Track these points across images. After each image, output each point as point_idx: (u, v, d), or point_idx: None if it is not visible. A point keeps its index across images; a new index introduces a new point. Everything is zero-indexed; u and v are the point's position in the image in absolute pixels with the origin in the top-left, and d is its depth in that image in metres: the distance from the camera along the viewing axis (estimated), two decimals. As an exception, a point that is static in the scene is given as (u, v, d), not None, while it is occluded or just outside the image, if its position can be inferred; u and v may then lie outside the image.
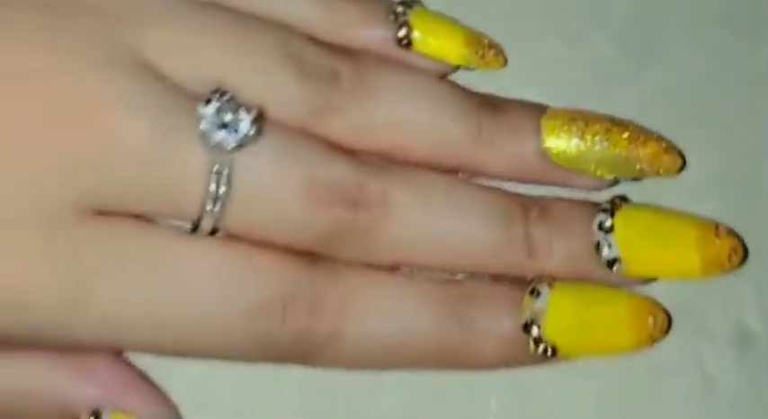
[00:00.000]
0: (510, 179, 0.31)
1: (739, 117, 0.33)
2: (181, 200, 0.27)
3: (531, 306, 0.29)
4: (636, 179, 0.31)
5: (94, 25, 0.27)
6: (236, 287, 0.28)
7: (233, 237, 0.28)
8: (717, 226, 0.30)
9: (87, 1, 0.28)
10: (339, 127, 0.29)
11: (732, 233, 0.30)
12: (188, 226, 0.28)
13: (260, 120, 0.28)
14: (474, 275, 0.30)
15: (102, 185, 0.27)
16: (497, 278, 0.30)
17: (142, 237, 0.27)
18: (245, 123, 0.27)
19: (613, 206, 0.30)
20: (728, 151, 0.33)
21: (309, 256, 0.29)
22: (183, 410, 0.30)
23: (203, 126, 0.27)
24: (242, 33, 0.29)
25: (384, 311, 0.29)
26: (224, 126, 0.27)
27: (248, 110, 0.27)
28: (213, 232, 0.28)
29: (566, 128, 0.30)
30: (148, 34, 0.28)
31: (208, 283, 0.28)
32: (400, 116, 0.30)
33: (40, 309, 0.27)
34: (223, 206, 0.27)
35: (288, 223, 0.28)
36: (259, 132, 0.27)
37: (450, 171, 0.31)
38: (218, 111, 0.27)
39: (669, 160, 0.30)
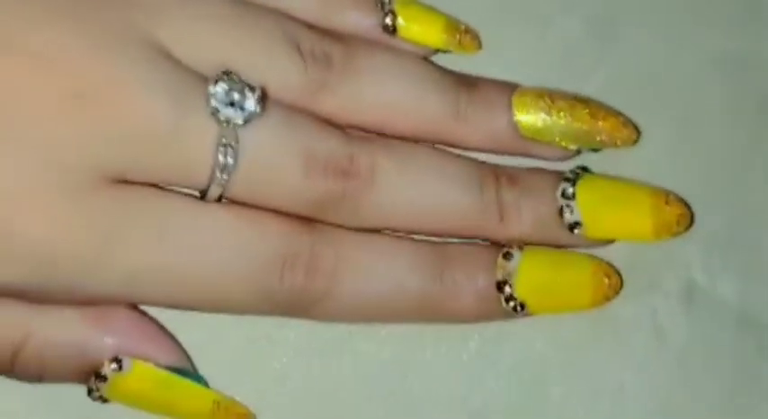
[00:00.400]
0: (484, 151, 0.33)
1: (694, 98, 0.35)
2: (193, 169, 0.30)
3: (504, 267, 0.32)
4: (596, 150, 0.33)
5: (115, 13, 0.30)
6: (242, 246, 0.30)
7: (237, 203, 0.31)
8: (667, 194, 0.33)
9: None
10: (331, 104, 0.32)
11: (681, 201, 0.33)
12: (196, 194, 0.31)
13: (264, 98, 0.30)
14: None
15: (123, 156, 0.29)
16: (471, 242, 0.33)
17: (158, 202, 0.30)
18: (251, 101, 0.30)
19: (576, 175, 0.33)
20: (682, 127, 0.35)
21: (305, 220, 0.31)
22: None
23: (214, 104, 0.30)
24: (244, 20, 0.31)
25: (375, 270, 0.31)
26: (231, 104, 0.30)
27: (253, 89, 0.30)
28: (219, 199, 0.31)
29: (534, 104, 0.33)
30: (162, 22, 0.30)
31: (218, 243, 0.30)
32: (386, 94, 0.32)
33: (68, 266, 0.29)
34: (230, 175, 0.30)
35: (286, 191, 0.31)
36: (263, 109, 0.30)
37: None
38: (227, 90, 0.30)
39: (626, 133, 0.33)
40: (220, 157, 0.30)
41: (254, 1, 0.32)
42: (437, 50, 0.34)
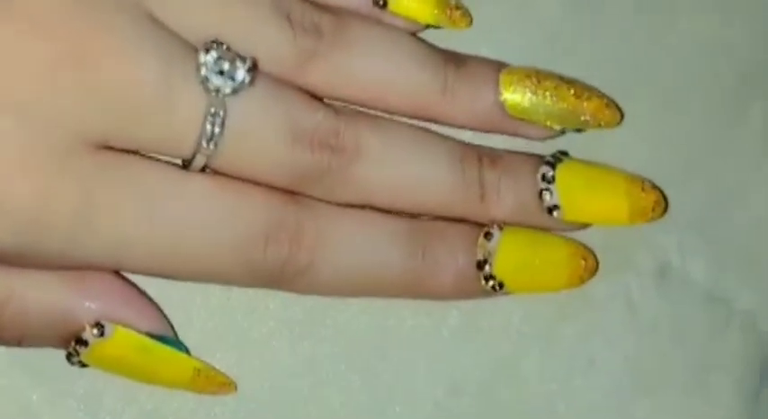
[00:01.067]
0: (471, 128, 0.33)
1: (673, 81, 0.36)
2: (179, 138, 0.30)
3: (485, 247, 0.33)
4: (580, 130, 0.34)
5: None
6: (227, 216, 0.30)
7: (221, 174, 0.31)
8: (643, 181, 0.33)
9: None
10: (319, 75, 0.32)
11: (656, 188, 0.34)
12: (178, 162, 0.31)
13: (254, 69, 0.30)
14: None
15: (110, 121, 0.29)
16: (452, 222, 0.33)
17: (145, 169, 0.30)
18: (241, 72, 0.30)
19: (556, 159, 0.33)
20: (659, 111, 0.36)
21: (289, 193, 0.31)
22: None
23: (204, 72, 0.30)
24: None
25: (358, 244, 0.32)
26: (221, 73, 0.30)
27: (244, 59, 0.30)
28: (203, 169, 0.31)
29: (520, 83, 0.33)
30: None
31: (202, 213, 0.30)
32: (375, 68, 0.32)
33: (52, 229, 0.29)
34: (216, 145, 0.30)
35: (271, 163, 0.31)
36: (252, 80, 0.30)
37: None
38: (217, 59, 0.30)
39: (609, 114, 0.33)
40: (208, 127, 0.30)
41: None
42: (428, 26, 0.34)
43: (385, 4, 0.33)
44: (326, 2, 0.33)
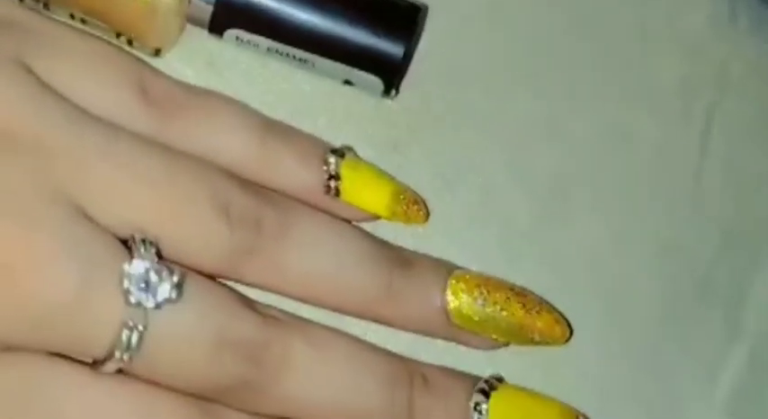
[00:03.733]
0: (412, 331, 0.32)
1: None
2: (91, 346, 0.27)
3: None
4: (525, 345, 0.32)
5: (31, 165, 0.27)
6: None
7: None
8: (577, 415, 0.32)
9: (26, 139, 0.27)
10: (257, 273, 0.30)
11: None
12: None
13: (181, 283, 0.28)
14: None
15: (17, 326, 0.27)
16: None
17: (47, 375, 0.28)
18: (166, 286, 0.27)
19: (490, 387, 0.31)
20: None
21: (205, 402, 0.29)
22: None
23: (126, 284, 0.27)
24: (173, 179, 0.29)
25: None
26: (146, 286, 0.27)
27: (171, 272, 0.28)
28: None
29: (470, 292, 0.31)
30: (80, 176, 0.27)
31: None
32: (317, 266, 0.30)
33: None
34: (131, 357, 0.27)
35: (191, 375, 0.28)
36: (179, 295, 0.28)
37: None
38: (145, 270, 0.27)
39: (558, 331, 0.32)
40: (123, 338, 0.27)
41: (189, 150, 0.29)
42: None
43: (337, 194, 0.31)
44: (274, 185, 0.30)
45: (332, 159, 0.31)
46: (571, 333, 0.32)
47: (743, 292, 0.34)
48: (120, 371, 0.28)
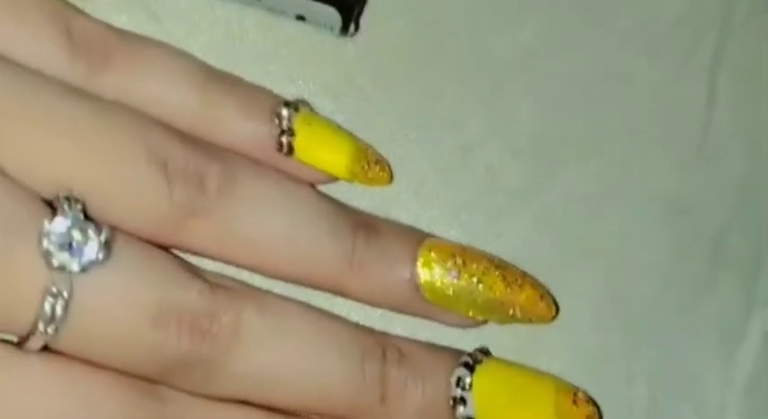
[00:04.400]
0: (377, 306, 0.29)
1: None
2: (12, 317, 0.25)
3: None
4: (505, 323, 0.29)
5: None
6: (66, 411, 0.25)
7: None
8: (576, 391, 0.29)
9: None
10: (202, 236, 0.27)
11: (590, 400, 0.29)
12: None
13: (110, 242, 0.25)
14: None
15: None
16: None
17: None
18: (93, 246, 0.25)
19: (475, 360, 0.28)
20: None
21: (146, 383, 0.26)
22: None
23: (46, 245, 0.25)
24: (102, 132, 0.26)
25: None
26: (69, 246, 0.25)
27: (98, 230, 0.25)
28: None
29: (442, 263, 0.28)
30: (3, 132, 0.25)
31: (32, 405, 0.25)
32: (268, 229, 0.28)
33: None
34: (57, 329, 0.25)
35: (129, 349, 0.26)
36: (107, 256, 0.25)
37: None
38: (67, 228, 0.25)
39: (543, 308, 0.29)
40: (47, 308, 0.25)
41: (129, 102, 0.27)
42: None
43: (291, 151, 0.28)
44: (218, 140, 0.28)
45: (284, 112, 0.28)
46: (556, 312, 0.29)
47: (759, 260, 0.31)
48: (47, 349, 0.26)
